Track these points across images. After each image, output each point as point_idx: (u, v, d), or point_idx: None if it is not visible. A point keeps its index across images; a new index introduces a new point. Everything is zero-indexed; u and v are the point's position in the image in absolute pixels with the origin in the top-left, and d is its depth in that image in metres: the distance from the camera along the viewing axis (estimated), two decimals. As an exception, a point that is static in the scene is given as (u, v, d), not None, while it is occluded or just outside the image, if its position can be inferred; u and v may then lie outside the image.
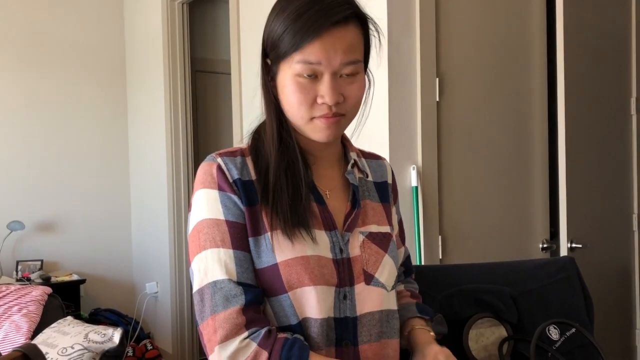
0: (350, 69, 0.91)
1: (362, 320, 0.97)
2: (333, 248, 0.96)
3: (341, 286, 0.95)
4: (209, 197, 0.95)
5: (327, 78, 0.90)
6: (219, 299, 0.89)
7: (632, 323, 2.73)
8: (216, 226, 0.93)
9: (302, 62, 0.89)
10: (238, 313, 0.88)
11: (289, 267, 0.92)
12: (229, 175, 0.96)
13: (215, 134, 4.36)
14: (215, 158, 0.99)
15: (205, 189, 0.96)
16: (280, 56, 0.91)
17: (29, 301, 2.59)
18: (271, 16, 0.94)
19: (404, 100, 2.14)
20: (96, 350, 2.20)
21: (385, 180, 1.12)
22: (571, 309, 1.46)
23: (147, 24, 3.94)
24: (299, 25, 0.88)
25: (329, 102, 0.90)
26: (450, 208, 2.25)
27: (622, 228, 2.70)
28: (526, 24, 2.46)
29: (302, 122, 0.94)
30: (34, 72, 3.93)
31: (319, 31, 0.87)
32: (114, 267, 4.19)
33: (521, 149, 2.46)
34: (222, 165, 0.97)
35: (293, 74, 0.90)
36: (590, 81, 2.47)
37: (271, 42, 0.93)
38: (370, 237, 1.01)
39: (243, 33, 2.94)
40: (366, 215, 1.03)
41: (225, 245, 0.92)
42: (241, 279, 0.90)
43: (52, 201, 3.99)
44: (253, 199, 0.95)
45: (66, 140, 4.04)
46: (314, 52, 0.88)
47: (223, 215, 0.93)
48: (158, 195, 3.89)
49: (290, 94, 0.92)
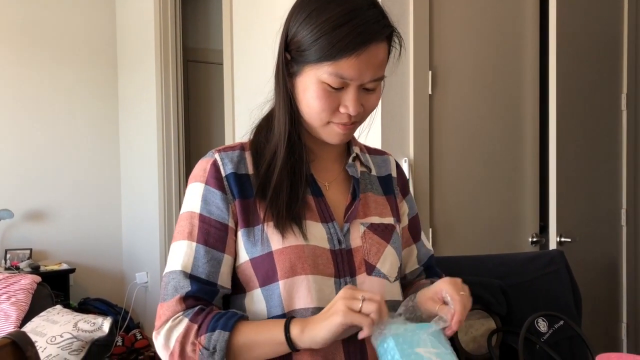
0: (375, 84, 0.93)
1: None
2: (331, 239, 0.98)
3: (341, 277, 0.96)
4: (195, 190, 0.98)
5: (352, 90, 0.91)
6: (170, 289, 0.94)
7: (619, 316, 2.76)
8: (190, 219, 0.97)
9: (333, 75, 0.89)
10: (178, 301, 0.92)
11: (283, 255, 0.94)
12: (223, 170, 0.98)
13: (207, 125, 4.34)
14: (213, 154, 1.01)
15: (195, 182, 0.99)
16: (308, 60, 0.91)
17: (17, 290, 2.58)
18: (300, 14, 0.93)
19: (397, 93, 2.14)
20: (85, 339, 2.19)
21: (390, 173, 1.13)
22: (560, 302, 1.48)
23: (138, 12, 3.91)
24: (336, 38, 0.87)
25: (353, 113, 0.92)
26: (441, 201, 2.26)
27: (610, 223, 2.72)
28: (519, 18, 2.47)
29: (318, 124, 0.96)
30: (24, 62, 3.89)
31: (356, 49, 0.88)
32: (103, 256, 4.17)
33: (512, 143, 2.47)
34: (217, 160, 0.99)
35: (319, 81, 0.91)
36: (581, 77, 2.48)
37: (297, 43, 0.92)
38: (371, 228, 1.01)
39: (236, 23, 2.92)
40: (368, 207, 1.04)
41: (191, 238, 0.95)
42: (194, 272, 0.94)
43: (42, 190, 3.96)
44: (247, 191, 0.97)
45: (56, 129, 4.01)
46: (349, 69, 0.89)
47: (199, 209, 0.96)
48: (148, 185, 3.87)
49: (313, 98, 0.92)
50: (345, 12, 0.88)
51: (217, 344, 0.87)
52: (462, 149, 2.32)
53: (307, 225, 0.96)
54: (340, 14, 0.88)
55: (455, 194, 2.30)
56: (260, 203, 0.96)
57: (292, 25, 0.94)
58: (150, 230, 3.87)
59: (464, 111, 2.32)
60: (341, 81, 0.90)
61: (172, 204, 3.78)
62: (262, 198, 0.96)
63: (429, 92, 2.20)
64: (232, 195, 0.97)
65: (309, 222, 0.97)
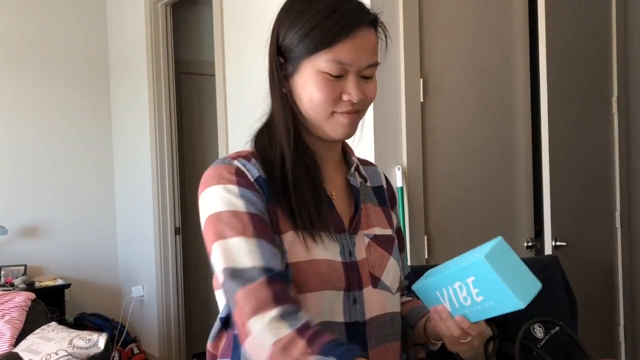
0: (371, 71, 0.95)
1: (371, 324, 0.96)
2: (342, 251, 0.95)
3: (350, 290, 0.94)
4: (228, 192, 0.91)
5: (352, 77, 0.92)
6: (246, 279, 0.85)
7: (616, 319, 2.76)
8: (236, 216, 0.89)
9: (332, 61, 0.90)
10: (264, 285, 0.84)
11: (299, 270, 0.90)
12: (250, 175, 0.93)
13: (200, 136, 4.34)
14: (231, 161, 0.95)
15: (221, 185, 0.91)
16: (305, 54, 0.91)
17: (11, 307, 2.56)
18: (287, 16, 0.94)
19: (389, 101, 2.15)
20: (81, 356, 2.17)
21: (381, 184, 1.12)
22: (555, 307, 1.47)
23: (130, 25, 3.91)
24: (328, 25, 0.89)
25: (355, 99, 0.92)
26: (435, 208, 2.26)
27: (605, 226, 2.73)
28: (509, 25, 2.48)
29: (323, 116, 0.93)
30: (16, 77, 3.88)
31: (350, 32, 0.90)
32: (99, 271, 4.15)
33: (505, 148, 2.48)
34: (240, 166, 0.94)
35: (319, 71, 0.91)
36: (572, 81, 2.49)
37: (290, 41, 0.93)
38: (375, 240, 1.01)
39: (227, 34, 2.93)
40: (369, 218, 1.03)
41: (247, 234, 0.88)
42: (267, 265, 0.86)
43: (36, 205, 3.94)
44: (271, 197, 0.93)
45: (49, 144, 4.00)
46: (345, 52, 0.90)
47: (244, 207, 0.89)
48: (143, 198, 3.86)
49: (314, 90, 0.92)
50: (331, 3, 0.91)
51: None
52: (455, 155, 2.33)
53: (323, 236, 0.93)
54: (326, 5, 0.91)
55: (449, 201, 2.30)
56: (284, 211, 0.92)
57: (281, 30, 0.95)
58: (146, 244, 3.86)
59: (456, 118, 2.33)
60: (340, 67, 0.90)
61: (167, 217, 3.76)
62: (285, 205, 0.92)
63: (421, 100, 2.21)
64: (264, 196, 0.93)
65: (324, 233, 0.93)
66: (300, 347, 0.80)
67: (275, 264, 0.87)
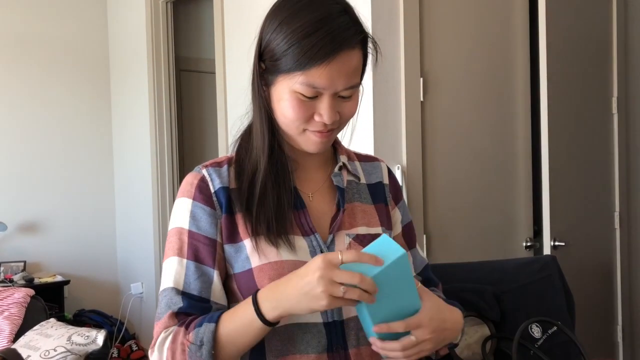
0: (349, 92, 0.92)
1: (349, 323, 0.96)
2: (314, 252, 0.96)
3: None
4: (182, 206, 0.98)
5: (326, 98, 0.90)
6: (163, 306, 0.94)
7: (614, 319, 2.77)
8: (179, 234, 0.97)
9: (305, 84, 0.88)
10: (170, 317, 0.92)
11: (262, 272, 0.93)
12: (212, 185, 0.97)
13: (200, 134, 4.34)
14: (200, 169, 1.00)
15: (182, 197, 0.99)
16: (281, 70, 0.90)
17: (10, 304, 2.56)
18: (272, 22, 0.92)
19: (388, 100, 2.14)
20: (79, 352, 2.18)
21: (380, 180, 1.10)
22: (553, 307, 1.48)
23: (130, 22, 3.91)
24: (306, 47, 0.86)
25: (327, 121, 0.91)
26: (434, 207, 2.26)
27: (604, 226, 2.73)
28: (509, 24, 2.48)
29: (295, 132, 0.95)
30: (15, 74, 3.88)
31: (326, 57, 0.86)
32: (98, 267, 4.15)
33: (505, 148, 2.48)
34: (206, 176, 0.99)
35: (292, 90, 0.90)
36: (572, 81, 2.49)
37: (270, 52, 0.91)
38: (357, 240, 1.00)
39: (227, 32, 2.93)
40: (354, 217, 1.02)
41: (181, 254, 0.95)
42: (186, 289, 0.93)
43: (35, 202, 3.94)
44: (232, 207, 0.97)
45: (49, 140, 4.00)
46: (319, 78, 0.87)
47: (188, 225, 0.96)
48: (142, 196, 3.86)
49: (287, 108, 0.91)
50: (315, 21, 0.87)
51: (203, 337, 0.86)
52: (454, 155, 2.33)
53: (290, 239, 0.95)
54: (310, 22, 0.87)
55: (448, 200, 2.30)
56: (246, 217, 0.95)
57: (264, 36, 0.94)
58: (145, 241, 3.86)
59: (456, 117, 2.33)
60: (314, 90, 0.89)
61: (167, 214, 3.76)
62: (245, 213, 0.95)
63: (421, 99, 2.21)
64: (221, 210, 0.96)
65: (290, 236, 0.95)
66: (182, 333, 0.89)
67: (194, 288, 0.93)
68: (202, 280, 0.94)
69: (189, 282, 0.93)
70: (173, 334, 0.90)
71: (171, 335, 0.90)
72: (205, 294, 0.94)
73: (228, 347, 0.88)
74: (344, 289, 0.79)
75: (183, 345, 0.87)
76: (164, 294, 0.94)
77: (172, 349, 0.89)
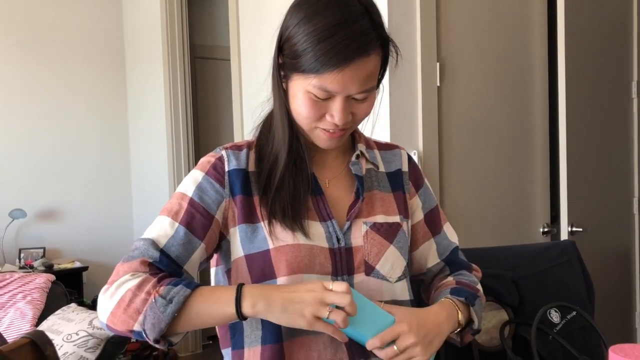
0: (364, 95, 0.92)
1: None
2: (330, 238, 0.97)
3: (338, 275, 0.96)
4: (193, 176, 1.00)
5: (339, 100, 0.91)
6: (137, 252, 0.93)
7: (632, 305, 2.75)
8: (180, 199, 0.98)
9: (317, 87, 0.89)
10: (141, 263, 0.91)
11: (280, 254, 0.94)
12: (227, 165, 0.99)
13: (215, 121, 4.35)
14: (220, 150, 1.02)
15: (196, 170, 1.01)
16: (296, 69, 0.90)
17: (32, 288, 2.61)
18: (293, 18, 0.91)
19: (405, 85, 2.13)
20: (100, 336, 2.22)
21: (400, 168, 1.10)
22: (572, 292, 1.47)
23: (145, 10, 3.92)
24: (320, 51, 0.86)
25: (338, 122, 0.92)
26: (451, 193, 2.26)
27: (622, 211, 2.71)
28: (527, 8, 2.45)
29: (307, 128, 0.97)
30: (33, 61, 3.91)
31: (339, 64, 0.86)
32: (116, 254, 4.20)
33: (522, 133, 2.46)
34: (224, 156, 1.00)
35: (306, 90, 0.90)
36: (591, 65, 2.46)
37: (289, 49, 0.92)
38: (374, 228, 1.00)
39: (242, 19, 2.92)
40: (372, 206, 1.03)
41: (176, 217, 0.96)
42: (166, 249, 0.93)
43: (54, 189, 3.99)
44: (249, 189, 0.98)
45: (67, 127, 4.04)
46: (332, 83, 0.88)
47: (191, 193, 0.97)
48: (159, 182, 3.89)
49: (300, 105, 0.92)
50: (333, 24, 0.86)
51: (175, 297, 0.85)
52: (471, 140, 2.31)
53: (306, 224, 0.96)
54: (328, 25, 0.86)
55: (465, 186, 2.30)
56: (262, 202, 0.97)
57: (285, 28, 0.93)
58: (162, 227, 3.89)
59: (472, 103, 2.31)
60: (327, 93, 0.90)
61: (183, 201, 3.79)
62: (264, 197, 0.97)
63: (437, 84, 2.19)
64: (232, 191, 0.98)
65: (308, 221, 0.97)
66: (152, 283, 0.88)
67: (174, 251, 0.93)
68: (185, 249, 0.94)
69: (172, 245, 0.94)
70: (141, 279, 0.88)
71: (138, 280, 0.88)
72: (182, 261, 0.94)
73: (190, 318, 0.87)
74: (329, 309, 0.83)
75: (148, 295, 0.86)
76: (142, 242, 0.94)
77: (134, 292, 0.87)
